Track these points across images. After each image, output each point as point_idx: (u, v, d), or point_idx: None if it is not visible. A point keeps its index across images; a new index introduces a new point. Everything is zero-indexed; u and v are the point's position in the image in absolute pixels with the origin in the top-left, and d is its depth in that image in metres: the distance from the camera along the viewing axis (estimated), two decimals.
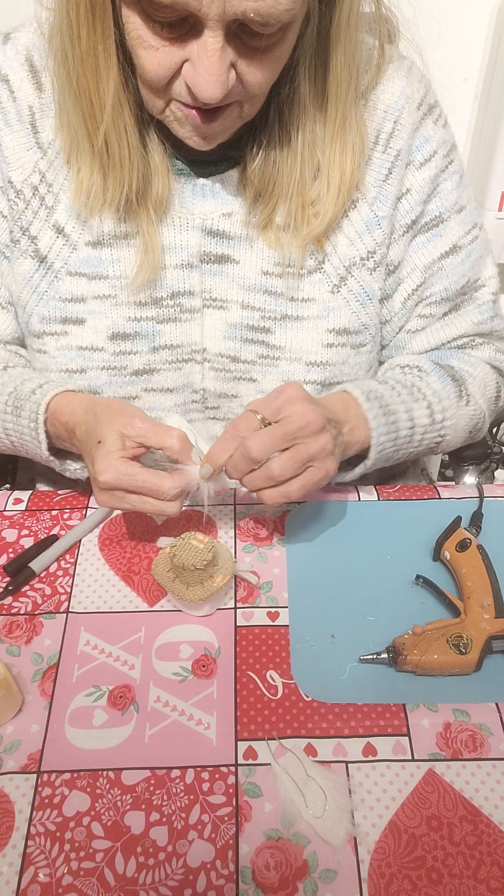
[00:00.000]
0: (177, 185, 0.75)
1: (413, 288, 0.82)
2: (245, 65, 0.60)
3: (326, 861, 0.53)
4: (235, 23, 0.56)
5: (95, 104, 0.65)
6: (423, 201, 0.79)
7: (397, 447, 0.79)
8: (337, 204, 0.74)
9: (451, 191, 0.80)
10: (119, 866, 0.52)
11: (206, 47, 0.57)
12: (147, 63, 0.60)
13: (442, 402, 0.81)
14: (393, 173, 0.76)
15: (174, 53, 0.59)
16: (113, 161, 0.69)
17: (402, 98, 0.75)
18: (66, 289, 0.78)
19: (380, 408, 0.76)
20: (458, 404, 0.82)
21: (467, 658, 0.62)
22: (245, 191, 0.74)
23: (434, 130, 0.77)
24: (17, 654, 0.65)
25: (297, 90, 0.68)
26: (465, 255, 0.83)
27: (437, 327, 0.86)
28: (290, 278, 0.77)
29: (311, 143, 0.71)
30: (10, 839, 0.54)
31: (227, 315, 0.79)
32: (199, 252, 0.76)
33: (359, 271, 0.78)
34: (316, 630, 0.67)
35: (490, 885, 0.52)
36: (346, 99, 0.69)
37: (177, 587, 0.66)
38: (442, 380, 0.82)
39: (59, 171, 0.75)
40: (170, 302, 0.78)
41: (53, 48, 0.67)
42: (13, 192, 0.76)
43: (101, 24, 0.60)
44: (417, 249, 0.81)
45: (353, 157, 0.72)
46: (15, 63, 0.74)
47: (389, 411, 0.76)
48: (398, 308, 0.83)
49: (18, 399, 0.77)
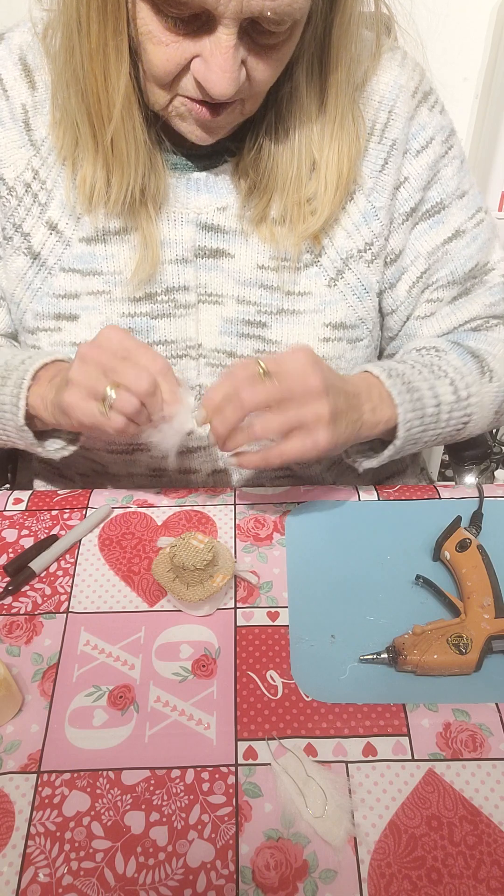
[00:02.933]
0: (171, 179, 0.75)
1: (418, 275, 0.82)
2: (254, 62, 0.60)
3: (326, 861, 0.53)
4: (248, 20, 0.56)
5: (103, 101, 0.65)
6: (422, 188, 0.78)
7: (424, 426, 0.76)
8: (334, 202, 0.74)
9: (451, 176, 0.80)
10: (119, 866, 0.52)
11: (220, 44, 0.57)
12: (155, 58, 0.60)
13: (465, 378, 0.78)
14: (389, 163, 0.76)
15: (185, 49, 0.59)
16: (119, 159, 0.69)
17: (396, 87, 0.75)
18: (60, 285, 0.78)
19: (403, 384, 0.74)
20: (480, 381, 0.80)
21: (467, 658, 0.62)
22: (239, 183, 0.74)
23: (430, 117, 0.77)
24: (17, 654, 0.65)
25: (295, 88, 0.68)
26: (471, 239, 0.82)
27: (448, 311, 0.84)
28: (286, 272, 0.77)
29: (307, 140, 0.71)
30: (10, 839, 0.54)
31: (222, 310, 0.79)
32: (194, 246, 0.76)
33: (356, 264, 0.78)
34: (316, 630, 0.67)
35: (490, 885, 0.52)
36: (344, 98, 0.69)
37: (177, 587, 0.66)
38: (462, 357, 0.80)
39: (52, 168, 0.75)
40: (164, 297, 0.78)
41: (54, 47, 0.67)
42: (5, 189, 0.77)
43: (114, 20, 0.59)
44: (419, 237, 0.81)
45: (350, 155, 0.72)
46: (8, 62, 0.75)
47: (413, 388, 0.74)
48: (403, 296, 0.83)
49: (7, 370, 0.76)
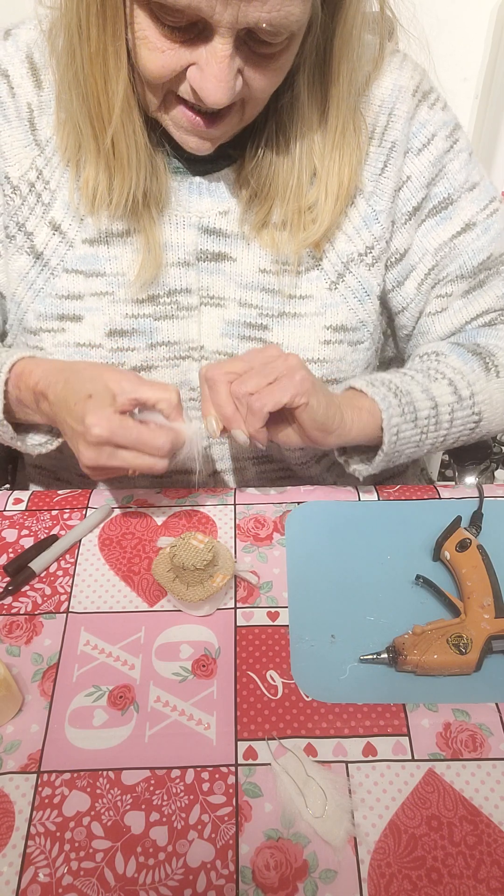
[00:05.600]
0: (173, 182, 0.75)
1: (426, 272, 0.82)
2: (251, 71, 0.60)
3: (326, 861, 0.53)
4: (244, 30, 0.56)
5: (103, 104, 0.65)
6: (425, 185, 0.78)
7: (420, 429, 0.76)
8: (334, 212, 0.74)
9: (459, 170, 0.79)
10: (119, 866, 0.52)
11: (216, 53, 0.57)
12: (150, 64, 0.60)
13: (466, 377, 0.78)
14: (389, 166, 0.76)
15: (180, 56, 0.59)
16: (120, 162, 0.69)
17: (396, 90, 0.75)
18: (63, 286, 0.78)
19: (389, 390, 0.74)
20: (486, 377, 0.79)
21: (467, 658, 0.62)
22: (241, 190, 0.74)
23: (430, 115, 0.77)
24: (17, 654, 0.65)
25: (296, 98, 0.68)
26: (482, 231, 0.81)
27: (460, 305, 0.84)
28: (287, 276, 0.77)
29: (308, 150, 0.71)
30: (10, 839, 0.54)
31: (224, 312, 0.79)
32: (196, 250, 0.76)
33: (357, 267, 0.78)
34: (316, 630, 0.67)
35: (490, 885, 0.52)
36: (346, 107, 0.69)
37: (177, 587, 0.66)
38: (462, 357, 0.80)
39: (56, 169, 0.75)
40: (167, 299, 0.78)
41: (57, 47, 0.67)
42: (9, 188, 0.76)
43: (112, 25, 0.59)
44: (426, 234, 0.80)
45: (351, 164, 0.72)
46: (15, 59, 0.74)
47: (402, 392, 0.75)
48: (413, 294, 0.83)
49: None
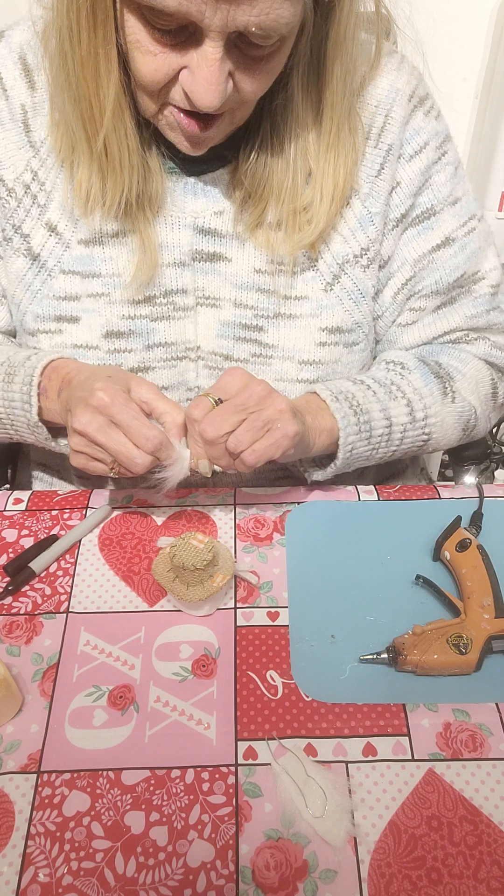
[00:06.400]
0: (168, 183, 0.75)
1: (403, 282, 0.82)
2: (242, 74, 0.60)
3: (326, 861, 0.53)
4: (235, 34, 0.56)
5: (95, 107, 0.65)
6: (413, 194, 0.78)
7: (373, 446, 0.78)
8: (329, 213, 0.74)
9: (444, 183, 0.79)
10: (119, 866, 0.52)
11: (206, 57, 0.57)
12: (143, 67, 0.60)
13: (423, 399, 0.80)
14: (385, 168, 0.76)
15: (172, 60, 0.59)
16: (112, 164, 0.69)
17: (393, 91, 0.75)
18: (60, 287, 0.78)
19: (350, 407, 0.76)
20: (442, 401, 0.81)
21: (467, 658, 0.62)
22: (235, 191, 0.74)
23: (425, 122, 0.77)
24: (17, 654, 0.65)
25: (290, 99, 0.68)
26: (460, 248, 0.82)
27: (429, 321, 0.85)
28: (283, 276, 0.77)
29: (303, 151, 0.71)
30: (10, 839, 0.54)
31: (220, 313, 0.79)
32: (191, 250, 0.76)
33: (352, 269, 0.78)
34: (316, 630, 0.67)
35: (490, 885, 0.52)
36: (341, 109, 0.69)
37: (177, 587, 0.66)
38: (425, 377, 0.81)
39: (51, 170, 0.75)
40: (163, 300, 0.78)
41: (50, 50, 0.67)
42: (5, 190, 0.77)
43: (103, 29, 0.59)
44: (408, 243, 0.81)
45: (346, 165, 0.72)
46: (8, 61, 0.74)
47: (362, 410, 0.76)
48: (388, 302, 0.83)
49: (12, 367, 0.77)
